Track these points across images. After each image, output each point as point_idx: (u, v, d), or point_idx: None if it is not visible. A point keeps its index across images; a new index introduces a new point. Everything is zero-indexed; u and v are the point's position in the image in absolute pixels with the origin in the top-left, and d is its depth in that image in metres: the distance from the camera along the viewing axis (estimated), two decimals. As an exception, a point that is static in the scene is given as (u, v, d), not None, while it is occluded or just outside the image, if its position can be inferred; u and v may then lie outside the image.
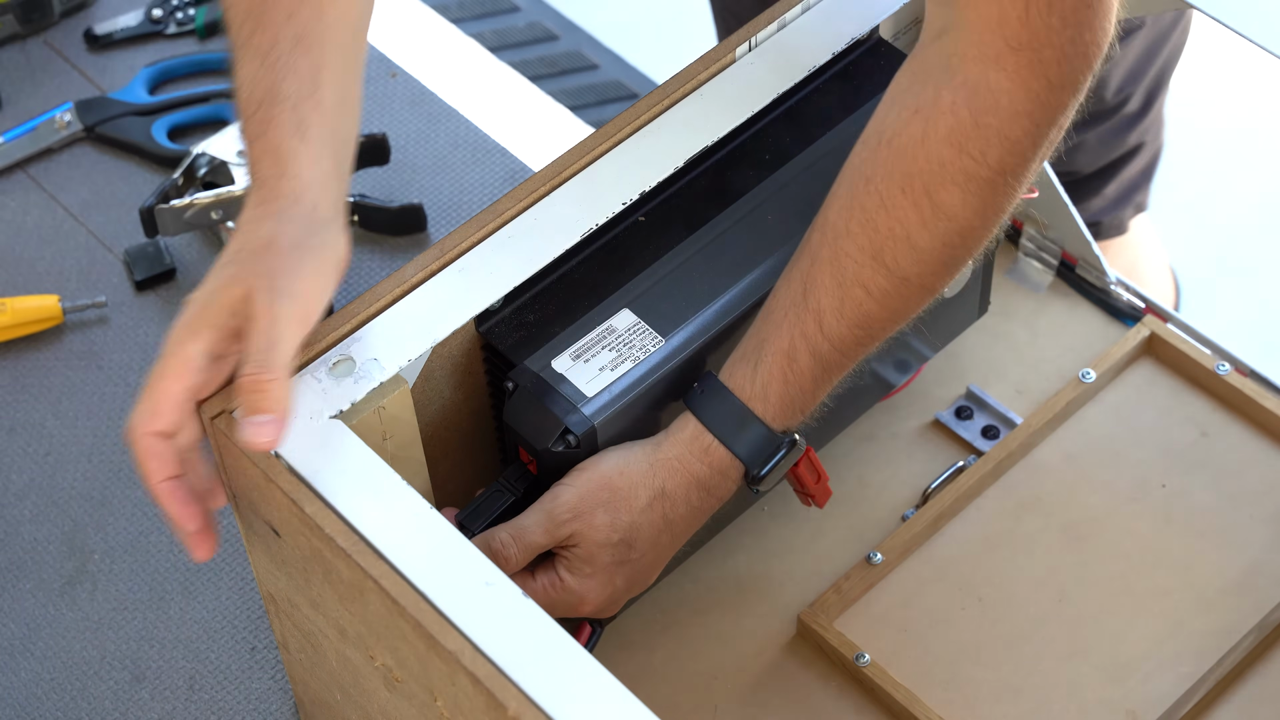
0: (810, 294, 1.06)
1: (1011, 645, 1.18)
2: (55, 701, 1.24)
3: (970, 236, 1.04)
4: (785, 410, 1.08)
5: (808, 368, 1.06)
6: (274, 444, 0.97)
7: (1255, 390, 1.26)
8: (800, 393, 1.07)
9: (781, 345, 1.06)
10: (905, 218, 1.03)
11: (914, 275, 1.05)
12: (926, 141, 1.02)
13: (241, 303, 0.98)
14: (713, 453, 1.08)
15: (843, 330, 1.06)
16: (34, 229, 1.49)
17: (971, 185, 1.02)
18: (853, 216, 1.04)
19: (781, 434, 1.08)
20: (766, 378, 1.07)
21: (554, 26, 2.50)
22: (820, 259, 1.06)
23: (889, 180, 1.03)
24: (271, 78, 1.04)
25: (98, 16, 1.62)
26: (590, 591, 1.08)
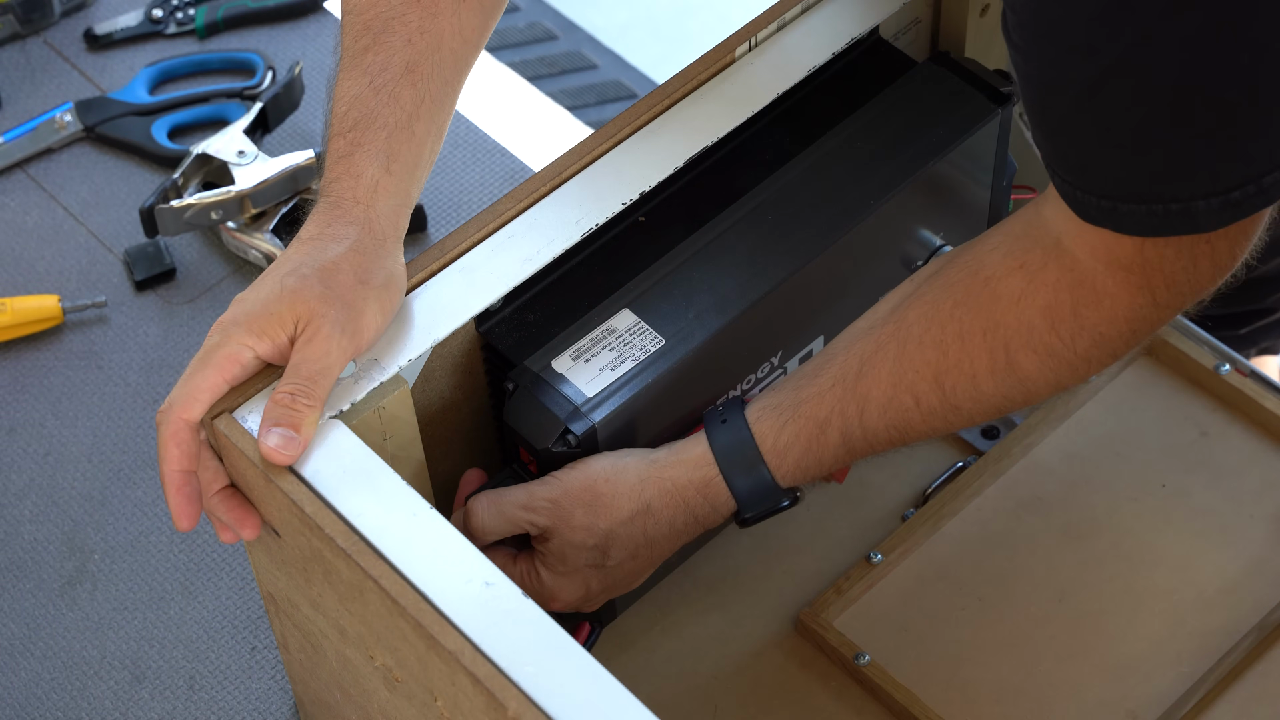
0: (863, 379, 1.06)
1: (1011, 645, 1.18)
2: (55, 701, 1.24)
3: (1032, 398, 1.04)
4: (798, 474, 1.08)
5: (833, 445, 1.07)
6: (291, 461, 0.98)
7: (1255, 390, 1.26)
8: (818, 464, 1.08)
9: (818, 414, 1.07)
10: (976, 360, 1.03)
11: (966, 408, 1.05)
12: (1022, 303, 1.01)
13: (303, 322, 1.00)
14: (712, 487, 1.08)
15: (880, 427, 1.06)
16: (34, 229, 1.49)
17: (1052, 361, 1.02)
18: (928, 331, 1.04)
19: (784, 490, 1.09)
20: (791, 439, 1.07)
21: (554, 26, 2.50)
22: (885, 351, 1.05)
23: (975, 318, 1.02)
24: (374, 102, 1.06)
25: (98, 16, 1.62)
26: (562, 590, 1.09)
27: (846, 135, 1.16)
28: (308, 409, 0.99)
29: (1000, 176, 1.23)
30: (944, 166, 1.16)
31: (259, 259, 1.44)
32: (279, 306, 1.00)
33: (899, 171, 1.14)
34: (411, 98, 1.06)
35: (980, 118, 1.17)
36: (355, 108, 1.05)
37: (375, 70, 1.06)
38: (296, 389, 0.99)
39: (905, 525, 1.22)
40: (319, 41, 1.60)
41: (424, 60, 1.07)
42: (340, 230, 1.03)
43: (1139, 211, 0.93)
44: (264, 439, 0.98)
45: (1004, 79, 1.19)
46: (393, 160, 1.05)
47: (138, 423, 1.37)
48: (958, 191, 1.20)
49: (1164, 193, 0.91)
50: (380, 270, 1.03)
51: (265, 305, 1.01)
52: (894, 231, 1.17)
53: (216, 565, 1.30)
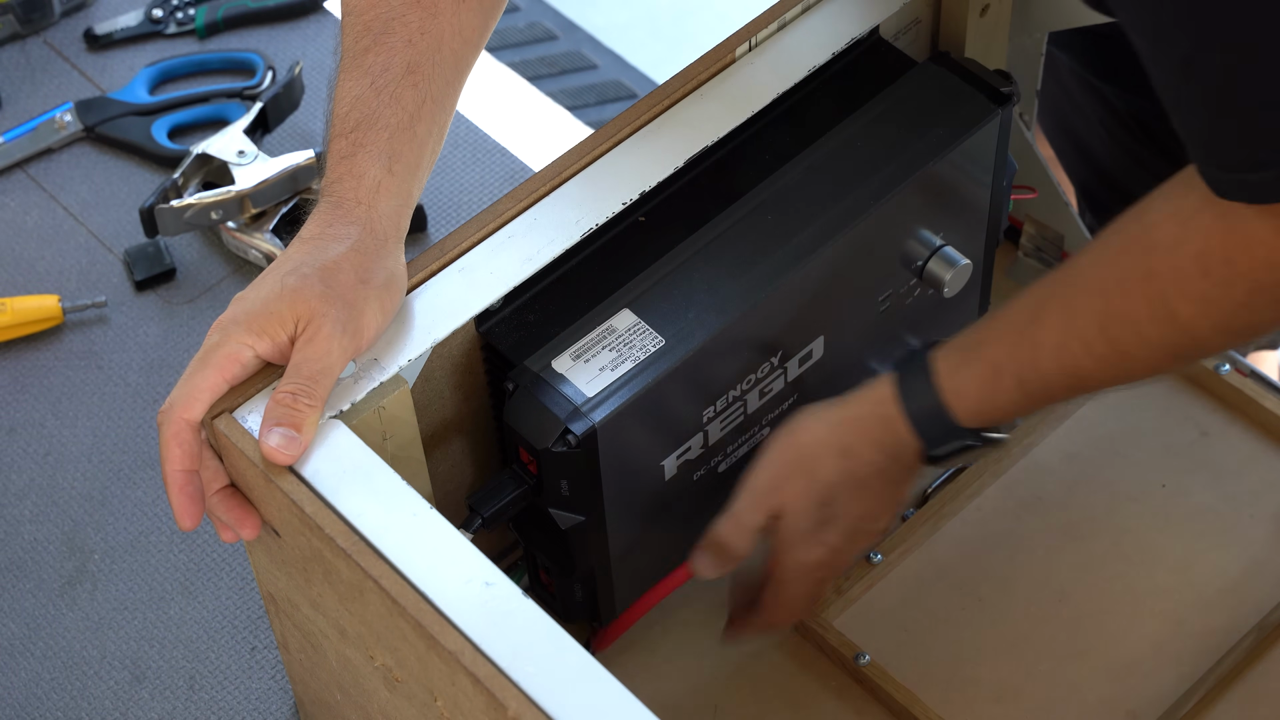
0: (1036, 323, 1.04)
1: (1011, 645, 1.18)
2: (55, 701, 1.24)
3: (1203, 345, 1.02)
4: (979, 416, 1.07)
5: (1009, 389, 1.06)
6: (292, 461, 0.98)
7: (1255, 390, 1.26)
8: (994, 408, 1.07)
9: (994, 357, 1.06)
10: (1137, 308, 1.01)
11: (1138, 355, 1.03)
12: (1175, 251, 0.99)
13: (304, 321, 1.00)
14: (893, 424, 1.08)
15: (1052, 372, 1.04)
16: (34, 229, 1.49)
17: (1209, 308, 0.99)
18: (1093, 278, 1.03)
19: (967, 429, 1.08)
20: (968, 379, 1.07)
21: (554, 26, 2.50)
22: (1056, 297, 1.04)
23: (1134, 262, 1.01)
24: (375, 103, 1.06)
25: (98, 16, 1.62)
26: (808, 555, 1.10)
27: (846, 135, 1.16)
28: (309, 409, 0.99)
29: (1000, 176, 1.23)
30: (944, 166, 1.16)
31: (259, 259, 1.44)
32: (279, 305, 1.00)
33: (899, 171, 1.14)
34: (413, 98, 1.06)
35: (980, 118, 1.17)
36: (357, 108, 1.06)
37: (376, 71, 1.06)
38: (298, 389, 0.99)
39: (905, 525, 1.22)
40: (319, 41, 1.60)
41: (425, 61, 1.07)
42: (341, 230, 1.03)
43: None
44: (265, 439, 0.98)
45: (1004, 79, 1.19)
46: (395, 161, 1.05)
47: (138, 423, 1.37)
48: (958, 191, 1.20)
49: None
50: (381, 270, 1.03)
51: (265, 304, 1.01)
52: (894, 231, 1.17)
53: (216, 565, 1.30)
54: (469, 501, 1.09)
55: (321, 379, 0.99)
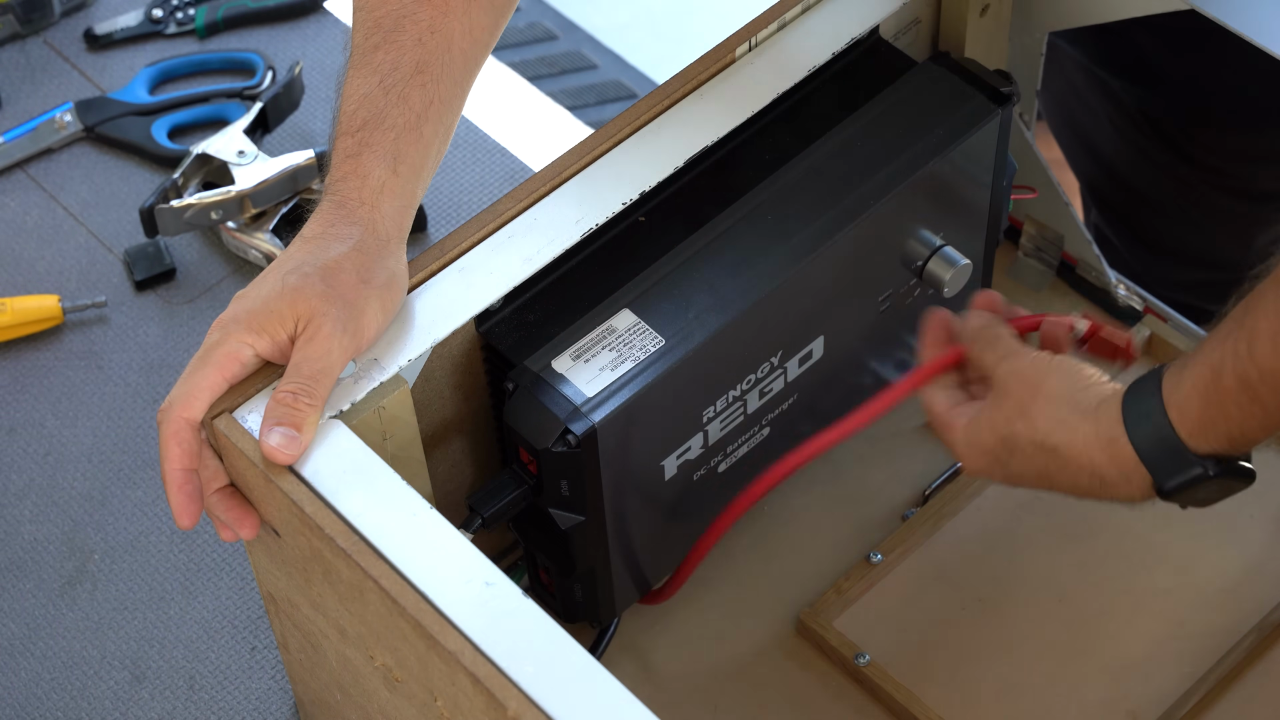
0: (1250, 312, 0.97)
1: (1011, 645, 1.18)
2: (55, 701, 1.24)
3: None
4: (1204, 430, 0.98)
5: (1232, 390, 0.97)
6: (293, 460, 0.98)
7: (1255, 390, 1.25)
8: (1222, 416, 0.98)
9: (1210, 359, 0.98)
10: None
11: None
12: None
13: (304, 320, 1.00)
14: (1119, 453, 1.00)
15: (1273, 362, 0.95)
16: (34, 229, 1.49)
17: None
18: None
19: (1198, 455, 0.98)
20: (1190, 390, 0.98)
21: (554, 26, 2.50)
22: (1269, 287, 0.96)
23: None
24: (383, 102, 1.05)
25: (98, 16, 1.62)
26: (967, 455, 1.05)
27: (846, 135, 1.16)
28: (309, 408, 0.99)
29: (1000, 176, 1.23)
30: (944, 166, 1.16)
31: (259, 259, 1.44)
32: (280, 304, 1.00)
33: (899, 171, 1.14)
34: (421, 99, 1.06)
35: (980, 118, 1.17)
36: (364, 107, 1.05)
37: (385, 69, 1.06)
38: (298, 388, 0.99)
39: (905, 525, 1.22)
40: (319, 41, 1.60)
41: (434, 60, 1.07)
42: (344, 230, 1.03)
43: None
44: (265, 438, 0.98)
45: (1004, 79, 1.19)
46: (400, 162, 1.05)
47: (138, 423, 1.37)
48: (958, 191, 1.20)
49: None
50: (382, 270, 1.03)
51: (266, 303, 1.01)
52: (894, 231, 1.17)
53: (216, 565, 1.30)
54: (469, 501, 1.09)
55: (322, 378, 0.99)
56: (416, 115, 1.06)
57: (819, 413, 1.18)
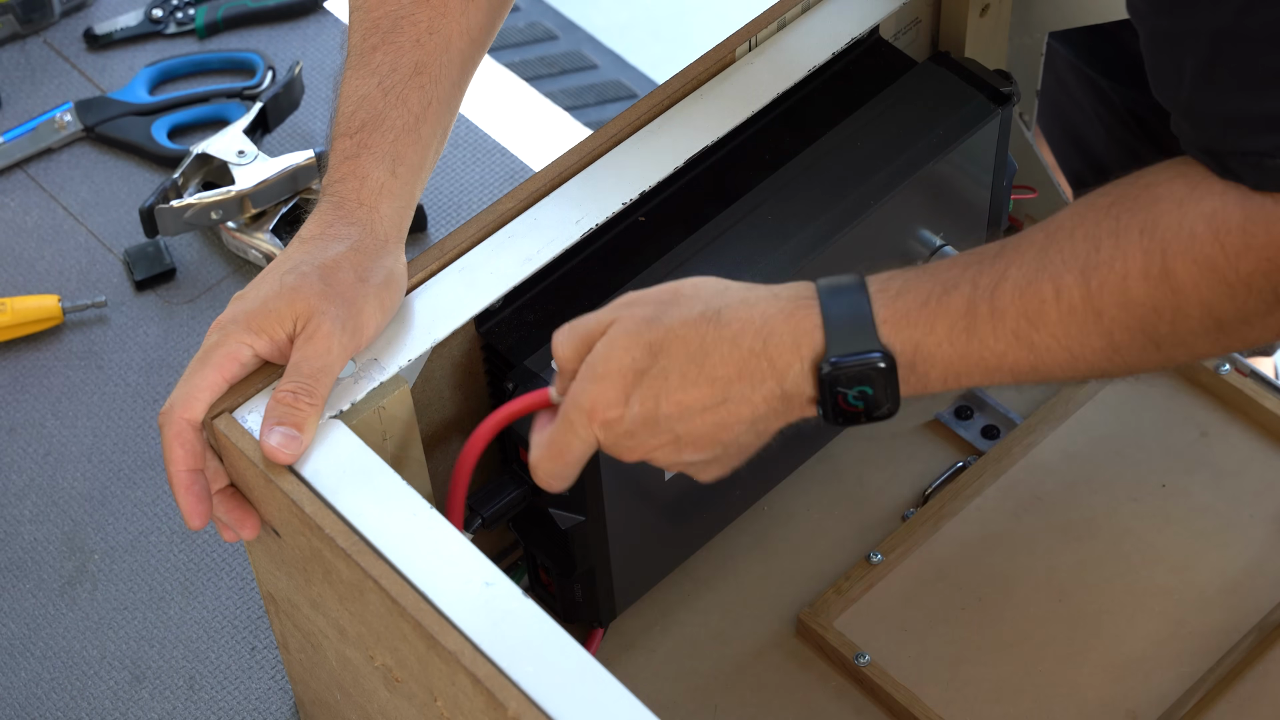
0: (1002, 257, 0.94)
1: (1011, 645, 1.18)
2: (55, 701, 1.24)
3: (1188, 323, 0.92)
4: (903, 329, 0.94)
5: (955, 311, 0.93)
6: (294, 460, 0.98)
7: (1255, 390, 1.26)
8: (930, 329, 0.93)
9: (946, 276, 0.94)
10: (1130, 258, 0.92)
11: (1108, 314, 0.93)
12: (1185, 205, 0.91)
13: (303, 319, 1.00)
14: (801, 310, 0.94)
15: (1011, 310, 0.93)
16: (34, 229, 1.49)
17: (1210, 276, 0.91)
18: (1080, 226, 0.94)
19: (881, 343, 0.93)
20: (907, 284, 0.94)
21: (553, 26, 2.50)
22: (1030, 239, 0.94)
23: (1133, 215, 0.92)
24: (382, 103, 1.05)
25: (98, 16, 1.62)
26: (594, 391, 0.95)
27: (846, 135, 1.16)
28: (310, 407, 0.99)
29: (1000, 176, 1.23)
30: (944, 166, 1.16)
31: (259, 259, 1.44)
32: (278, 304, 1.00)
33: (899, 171, 1.14)
34: (419, 100, 1.06)
35: (980, 118, 1.17)
36: (363, 108, 1.05)
37: (384, 71, 1.06)
38: (298, 387, 0.99)
39: (905, 525, 1.22)
40: (319, 41, 1.60)
41: (433, 62, 1.07)
42: (342, 230, 1.03)
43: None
44: (266, 438, 0.98)
45: (1004, 79, 1.19)
46: (398, 163, 1.05)
47: (138, 423, 1.37)
48: (958, 191, 1.20)
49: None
50: (380, 269, 1.03)
51: (264, 303, 1.01)
52: (894, 231, 1.17)
53: (216, 565, 1.30)
54: (469, 501, 1.09)
55: (321, 377, 0.99)
56: (415, 116, 1.06)
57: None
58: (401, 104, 1.06)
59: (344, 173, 1.05)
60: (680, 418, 0.95)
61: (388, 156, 1.05)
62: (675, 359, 0.94)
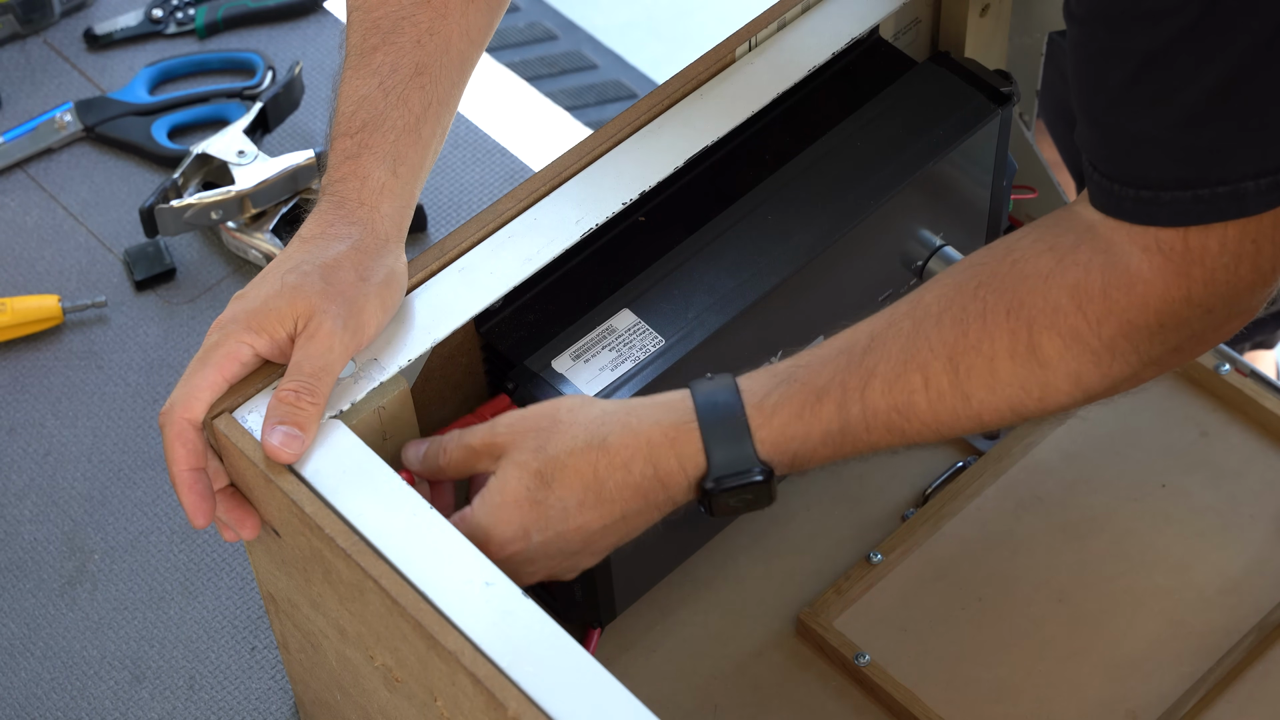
0: (871, 353, 0.99)
1: (1011, 645, 1.18)
2: (55, 701, 1.24)
3: (1049, 394, 0.97)
4: (781, 442, 0.99)
5: (827, 418, 0.99)
6: (296, 459, 0.98)
7: (1255, 390, 1.26)
8: (805, 439, 0.99)
9: (815, 381, 0.99)
10: (997, 339, 0.96)
11: (977, 396, 0.97)
12: (1049, 280, 0.95)
13: (304, 318, 1.00)
14: (683, 435, 0.99)
15: (882, 406, 0.98)
16: (34, 229, 1.49)
17: (1075, 346, 0.95)
18: (948, 310, 0.98)
19: (760, 461, 0.99)
20: (781, 400, 0.99)
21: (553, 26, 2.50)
22: (898, 328, 0.99)
23: (999, 295, 0.96)
24: (383, 104, 1.05)
25: (98, 16, 1.62)
26: (495, 525, 0.99)
27: (846, 135, 1.16)
28: (311, 406, 0.99)
29: (1000, 176, 1.23)
30: (944, 166, 1.16)
31: (259, 259, 1.44)
32: (279, 303, 1.00)
33: (899, 171, 1.14)
34: (420, 100, 1.06)
35: (980, 118, 1.17)
36: (364, 108, 1.05)
37: (385, 71, 1.06)
38: (300, 386, 0.99)
39: (905, 525, 1.22)
40: (319, 41, 1.60)
41: (433, 63, 1.07)
42: (343, 230, 1.03)
43: (1183, 199, 0.90)
44: (268, 437, 0.98)
45: (1004, 79, 1.19)
46: (399, 163, 1.05)
47: (138, 423, 1.37)
48: (958, 191, 1.20)
49: (1211, 175, 0.89)
50: (381, 267, 1.03)
51: (265, 302, 1.01)
52: (894, 231, 1.17)
53: (216, 565, 1.30)
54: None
55: (323, 376, 0.99)
56: (416, 117, 1.06)
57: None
58: (403, 104, 1.06)
59: (345, 172, 1.05)
60: (581, 538, 1.01)
61: (389, 156, 1.05)
62: (571, 489, 0.99)
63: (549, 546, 1.01)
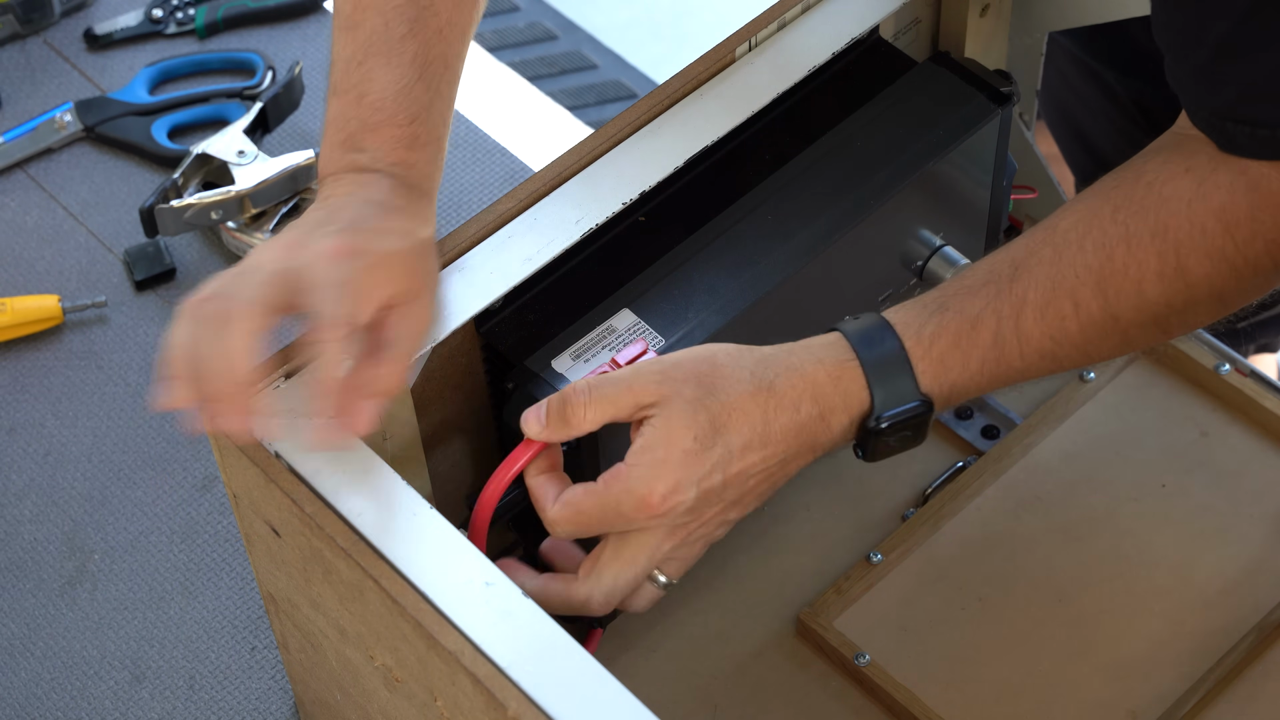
0: (1020, 279, 0.98)
1: (1011, 645, 1.18)
2: (55, 701, 1.24)
3: (1198, 310, 0.99)
4: (940, 374, 0.98)
5: (984, 344, 0.98)
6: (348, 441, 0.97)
7: (1255, 390, 1.26)
8: (964, 368, 0.98)
9: (969, 309, 0.98)
10: (1145, 262, 0.97)
11: (1126, 318, 0.98)
12: (1194, 205, 0.96)
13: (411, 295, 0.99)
14: (846, 372, 0.98)
15: (1036, 333, 0.98)
16: (34, 229, 1.49)
17: (1223, 266, 0.97)
18: (1089, 235, 0.98)
19: (922, 393, 0.98)
20: (938, 329, 0.98)
21: (554, 26, 2.50)
22: (1039, 256, 0.98)
23: (1141, 219, 0.97)
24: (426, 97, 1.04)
25: (98, 16, 1.62)
26: (659, 478, 0.95)
27: (846, 135, 1.16)
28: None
29: (1000, 176, 1.23)
30: (944, 166, 1.16)
31: (259, 259, 1.44)
32: (406, 263, 0.98)
33: (899, 171, 1.14)
34: (449, 93, 1.06)
35: (980, 118, 1.17)
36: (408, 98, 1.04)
37: (421, 62, 1.05)
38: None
39: (905, 525, 1.22)
40: (319, 41, 1.60)
41: (452, 54, 1.07)
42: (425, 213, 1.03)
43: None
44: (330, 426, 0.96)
45: (1004, 79, 1.19)
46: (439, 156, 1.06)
47: (138, 423, 1.37)
48: (958, 191, 1.20)
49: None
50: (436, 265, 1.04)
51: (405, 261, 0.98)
52: (894, 231, 1.17)
53: (216, 565, 1.30)
54: (469, 501, 1.09)
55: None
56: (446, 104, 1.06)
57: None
58: (439, 97, 1.05)
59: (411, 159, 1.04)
60: (737, 485, 0.98)
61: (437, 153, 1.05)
62: (740, 433, 0.96)
63: (709, 496, 0.97)
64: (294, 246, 0.97)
